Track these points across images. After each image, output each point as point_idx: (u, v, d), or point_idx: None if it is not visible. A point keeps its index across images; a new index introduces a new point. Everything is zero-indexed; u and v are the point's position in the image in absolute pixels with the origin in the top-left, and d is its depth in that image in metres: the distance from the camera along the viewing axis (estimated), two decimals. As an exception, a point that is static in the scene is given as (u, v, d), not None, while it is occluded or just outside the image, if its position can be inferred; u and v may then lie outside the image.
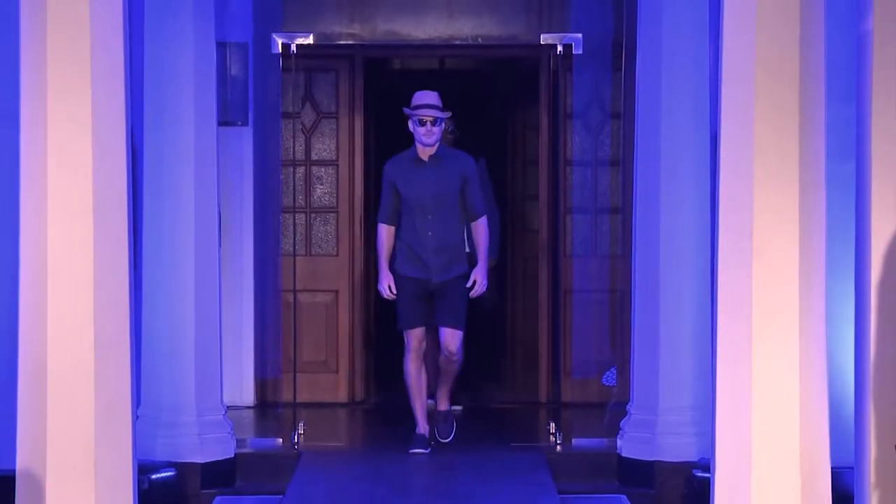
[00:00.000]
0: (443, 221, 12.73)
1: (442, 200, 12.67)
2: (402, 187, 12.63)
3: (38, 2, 9.01)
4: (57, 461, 9.05)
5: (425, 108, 12.36)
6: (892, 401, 8.90)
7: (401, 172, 12.70)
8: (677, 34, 12.63)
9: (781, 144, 9.03)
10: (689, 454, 12.32)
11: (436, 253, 12.69)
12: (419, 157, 12.62)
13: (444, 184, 12.67)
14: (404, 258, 12.87)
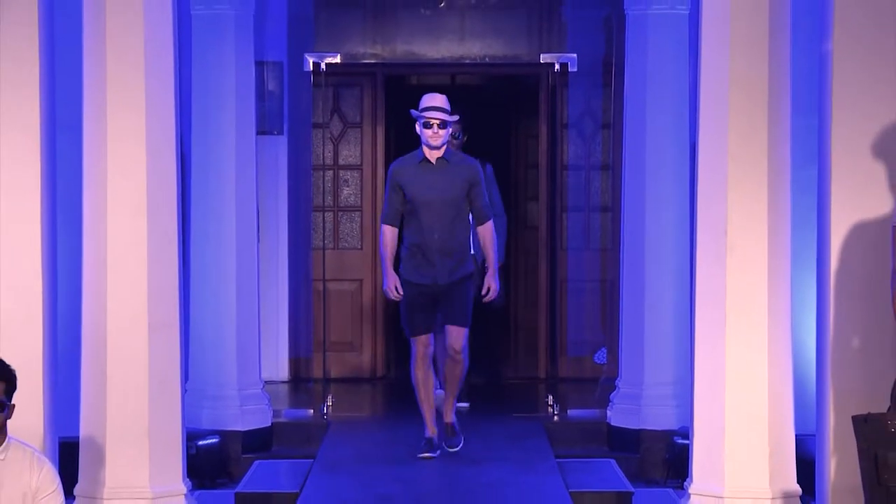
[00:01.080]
0: (448, 224, 11.26)
1: (448, 203, 11.22)
2: (409, 189, 11.17)
3: (98, 29, 9.02)
4: (116, 430, 9.04)
5: (432, 110, 11.00)
6: (848, 376, 8.86)
7: (407, 174, 11.24)
8: (660, 55, 12.62)
9: (752, 152, 9.01)
10: (671, 423, 12.31)
11: (442, 255, 11.20)
12: (426, 160, 11.20)
13: (450, 187, 11.24)
14: (410, 262, 11.38)
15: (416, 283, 11.23)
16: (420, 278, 11.23)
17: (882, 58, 8.84)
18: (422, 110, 10.98)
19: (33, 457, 7.53)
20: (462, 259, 11.32)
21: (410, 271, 11.28)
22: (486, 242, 11.33)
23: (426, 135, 10.98)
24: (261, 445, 12.75)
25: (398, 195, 11.20)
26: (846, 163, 8.92)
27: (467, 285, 11.42)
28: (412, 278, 11.24)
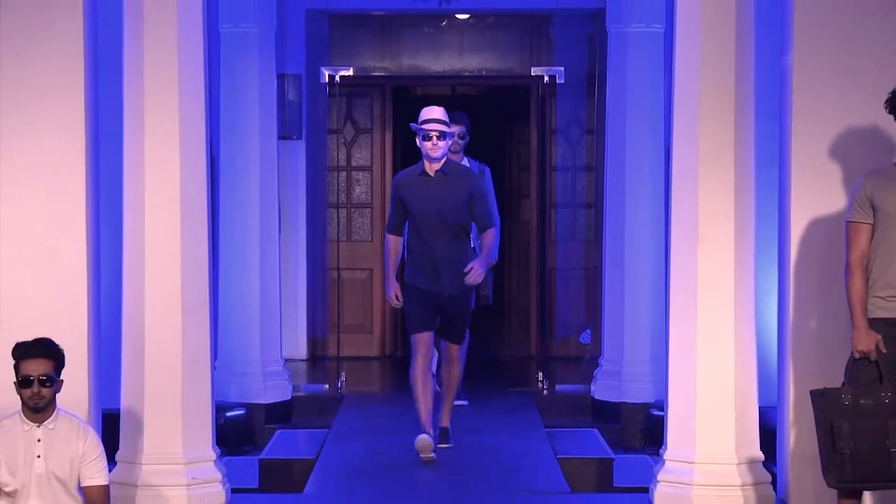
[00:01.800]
0: (449, 235, 10.48)
1: (448, 215, 10.40)
2: (409, 202, 10.45)
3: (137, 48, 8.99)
4: (152, 402, 9.04)
5: (431, 122, 10.24)
6: (806, 354, 8.86)
7: (408, 187, 10.49)
8: (638, 68, 12.64)
9: (720, 154, 9.00)
10: (647, 397, 12.36)
11: (444, 266, 10.41)
12: (426, 172, 10.41)
13: (450, 199, 10.41)
14: (415, 270, 10.61)
15: (420, 287, 10.54)
16: (425, 284, 10.53)
17: (836, 70, 8.84)
18: (421, 123, 10.33)
19: (79, 426, 7.55)
20: (463, 269, 10.36)
21: (416, 276, 10.58)
22: (484, 247, 10.63)
23: (426, 147, 10.32)
24: (282, 417, 12.78)
25: (400, 207, 10.59)
26: (804, 164, 8.93)
27: (468, 299, 10.85)
28: (417, 283, 10.55)
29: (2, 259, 8.82)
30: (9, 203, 8.84)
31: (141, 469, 9.00)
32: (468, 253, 10.73)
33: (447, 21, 15.72)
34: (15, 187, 8.84)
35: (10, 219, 8.81)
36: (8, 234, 8.81)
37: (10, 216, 8.83)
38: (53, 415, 7.45)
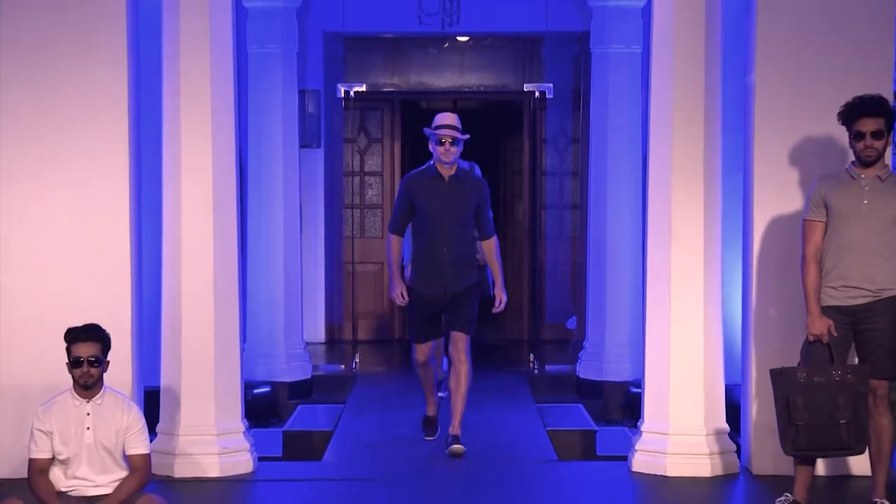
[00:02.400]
0: (458, 237, 9.69)
1: (458, 217, 9.65)
2: (420, 202, 9.63)
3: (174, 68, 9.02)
4: (188, 381, 9.07)
5: (445, 128, 9.51)
6: (766, 338, 8.88)
7: (421, 188, 9.66)
8: (618, 84, 12.63)
9: (690, 162, 9.02)
10: (626, 376, 12.36)
11: (450, 266, 9.64)
12: (439, 175, 9.63)
13: (460, 202, 9.65)
14: (419, 272, 9.82)
15: (424, 293, 9.77)
16: (428, 289, 9.74)
17: (793, 88, 8.86)
18: (435, 128, 9.57)
19: (124, 402, 7.57)
20: (468, 270, 9.84)
21: (419, 282, 9.79)
22: (491, 256, 9.92)
23: (438, 151, 9.54)
24: (303, 393, 12.80)
25: (408, 206, 9.75)
26: (765, 170, 8.95)
27: (473, 294, 9.91)
28: (420, 289, 9.76)
29: (57, 256, 8.87)
30: (63, 208, 8.88)
31: (178, 440, 9.04)
32: (473, 256, 9.99)
33: (449, 43, 15.73)
34: (68, 194, 8.88)
35: (65, 222, 8.86)
36: (62, 234, 8.86)
37: (65, 219, 8.87)
38: (101, 392, 7.47)
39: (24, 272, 8.91)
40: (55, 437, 7.38)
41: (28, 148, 8.89)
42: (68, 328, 7.44)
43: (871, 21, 8.85)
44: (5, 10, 8.84)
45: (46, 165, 8.90)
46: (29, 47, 8.83)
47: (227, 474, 9.05)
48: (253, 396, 11.42)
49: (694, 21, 8.99)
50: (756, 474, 8.99)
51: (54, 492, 7.34)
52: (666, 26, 9.10)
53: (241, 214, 9.71)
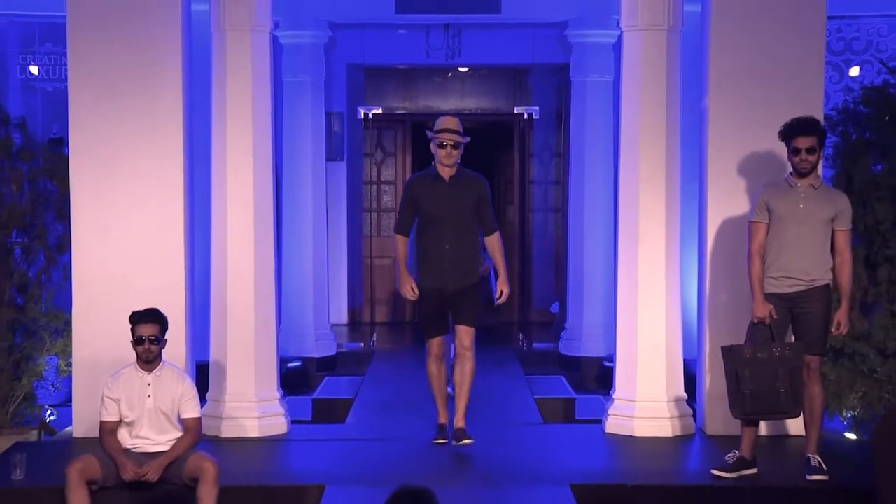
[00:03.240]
0: (459, 235, 8.67)
1: (459, 216, 8.65)
2: (422, 202, 8.65)
3: (221, 96, 9.08)
4: (233, 356, 9.10)
5: (446, 132, 8.59)
6: (718, 320, 8.88)
7: (423, 188, 8.69)
8: (594, 108, 12.67)
9: (654, 173, 9.04)
10: (601, 352, 12.38)
11: (451, 265, 8.64)
12: (440, 176, 8.65)
13: (461, 201, 8.64)
14: (424, 269, 8.79)
15: (431, 288, 8.69)
16: (432, 283, 8.66)
17: (741, 110, 8.85)
18: (437, 131, 8.61)
19: (179, 374, 7.62)
20: (471, 269, 8.78)
21: (423, 278, 8.72)
22: (495, 251, 8.84)
23: (440, 154, 8.59)
24: (329, 367, 12.82)
25: (412, 207, 8.70)
26: (717, 180, 8.95)
27: (476, 290, 8.88)
28: (425, 284, 8.69)
29: (122, 249, 8.88)
30: (126, 208, 8.89)
31: (224, 405, 9.08)
32: (476, 254, 8.94)
33: (452, 73, 15.76)
34: (131, 196, 8.88)
35: (128, 220, 8.87)
36: (128, 232, 8.87)
37: (128, 218, 8.88)
38: (160, 365, 7.51)
39: (95, 263, 8.91)
40: (122, 404, 7.43)
41: (95, 156, 8.90)
42: (132, 311, 7.47)
43: (804, 58, 8.84)
44: (75, 42, 8.85)
45: (111, 172, 8.91)
46: (96, 72, 8.82)
47: (265, 435, 9.08)
48: (287, 369, 11.44)
49: (657, 57, 9.02)
50: (709, 434, 9.00)
51: (121, 449, 7.38)
52: (634, 61, 9.13)
53: (277, 216, 9.74)
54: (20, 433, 9.06)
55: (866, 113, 9.25)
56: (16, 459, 7.71)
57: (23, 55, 12.56)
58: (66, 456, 7.77)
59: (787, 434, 8.93)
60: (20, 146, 9.40)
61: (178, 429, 7.50)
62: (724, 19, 8.93)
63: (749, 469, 7.83)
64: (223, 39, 9.08)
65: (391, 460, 8.44)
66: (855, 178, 8.94)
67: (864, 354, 8.96)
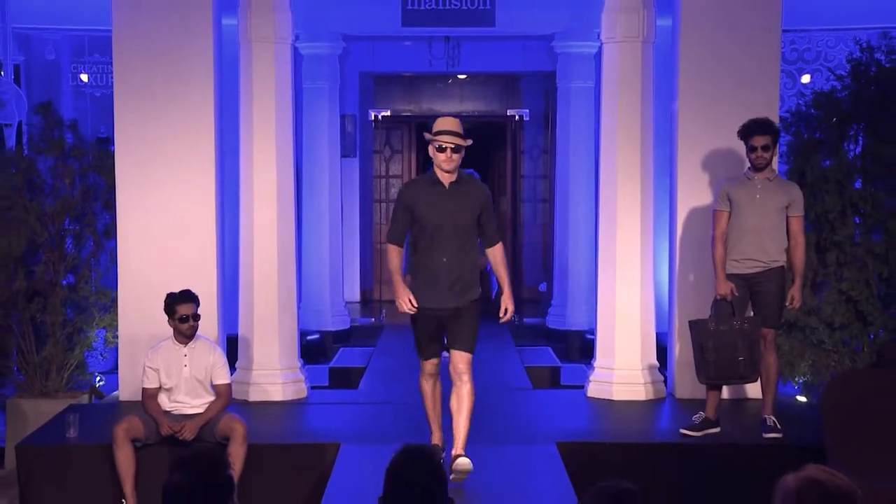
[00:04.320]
0: (459, 247, 6.88)
1: (459, 227, 6.84)
2: (420, 211, 6.82)
3: (248, 99, 9.07)
4: (259, 329, 9.12)
5: (446, 134, 6.85)
6: (686, 297, 8.90)
7: (420, 196, 6.86)
8: (577, 110, 12.61)
9: (630, 168, 9.05)
10: (583, 326, 12.34)
11: (450, 279, 6.85)
12: (440, 182, 6.86)
13: (462, 210, 6.84)
14: (420, 284, 6.92)
15: (424, 307, 6.89)
16: (428, 302, 6.88)
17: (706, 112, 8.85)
18: (435, 133, 6.88)
19: (211, 345, 7.64)
20: (471, 283, 7.00)
21: (418, 294, 6.87)
22: (498, 263, 7.09)
23: (439, 158, 6.83)
24: (343, 339, 12.79)
25: (406, 216, 6.89)
26: (686, 174, 8.97)
27: (476, 309, 7.08)
28: (421, 302, 6.87)
29: (161, 237, 8.89)
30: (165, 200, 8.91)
31: (251, 373, 9.11)
32: (476, 268, 7.14)
33: (452, 79, 15.73)
34: (169, 190, 8.90)
35: (168, 211, 8.87)
36: (166, 221, 8.89)
37: (169, 209, 8.89)
38: (195, 338, 7.56)
39: (137, 248, 8.92)
40: (161, 372, 7.47)
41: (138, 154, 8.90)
42: (169, 293, 7.52)
43: (762, 67, 8.84)
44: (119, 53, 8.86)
45: (151, 167, 8.92)
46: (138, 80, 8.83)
47: (287, 399, 9.11)
48: (306, 341, 11.44)
49: (633, 65, 9.02)
50: (678, 398, 9.03)
51: (161, 411, 7.42)
52: (612, 69, 9.14)
53: (297, 207, 9.77)
54: (73, 397, 9.09)
55: (816, 115, 9.26)
56: (69, 419, 7.75)
57: (74, 65, 12.63)
58: (113, 417, 7.80)
59: (746, 397, 8.94)
60: (72, 145, 9.42)
61: (211, 394, 7.54)
62: (692, 33, 8.93)
63: (713, 428, 7.86)
64: (250, 50, 9.08)
65: (398, 422, 8.47)
66: (807, 172, 8.95)
67: (814, 328, 8.98)
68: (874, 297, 8.85)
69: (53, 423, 8.16)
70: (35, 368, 9.13)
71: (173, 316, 7.46)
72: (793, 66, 11.95)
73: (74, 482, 7.51)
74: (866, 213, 8.87)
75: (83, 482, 7.50)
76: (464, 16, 11.23)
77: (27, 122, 10.24)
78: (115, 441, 7.22)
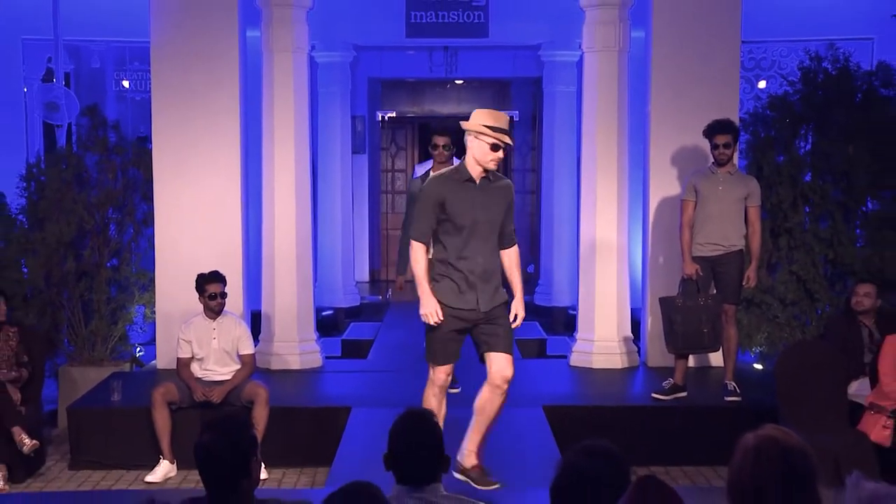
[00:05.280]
0: (491, 247, 5.81)
1: (492, 225, 5.77)
2: (455, 207, 5.66)
3: (270, 104, 9.05)
4: (279, 306, 9.13)
5: (504, 133, 5.75)
6: (657, 277, 8.90)
7: (451, 191, 5.68)
8: (561, 112, 12.55)
9: (608, 163, 9.03)
10: (567, 302, 12.33)
11: (483, 280, 5.73)
12: (471, 178, 5.70)
13: (493, 208, 5.76)
14: (447, 286, 5.72)
15: (456, 307, 5.71)
16: (461, 303, 5.71)
17: (676, 114, 8.85)
18: (495, 129, 5.71)
19: (237, 320, 7.65)
20: (500, 283, 5.91)
21: (449, 296, 5.71)
22: (513, 266, 5.99)
23: (492, 156, 5.65)
24: (354, 315, 12.77)
25: (436, 212, 5.69)
26: (657, 169, 8.97)
27: (506, 311, 5.88)
28: (452, 303, 5.70)
29: (195, 225, 8.89)
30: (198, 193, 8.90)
31: (273, 345, 9.11)
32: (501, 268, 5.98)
33: (450, 84, 15.69)
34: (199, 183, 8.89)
35: (199, 202, 8.88)
36: (198, 210, 8.88)
37: (200, 200, 8.89)
38: (223, 314, 7.56)
39: (172, 234, 8.93)
40: (193, 344, 7.48)
41: (173, 151, 8.90)
42: (199, 274, 7.55)
43: (723, 74, 8.84)
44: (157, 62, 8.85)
45: (185, 163, 8.90)
46: (173, 86, 8.83)
47: (304, 367, 9.11)
48: (321, 316, 11.42)
49: (610, 72, 9.01)
50: (650, 366, 9.03)
51: (194, 378, 7.44)
52: (592, 75, 9.12)
53: (314, 197, 9.78)
54: (116, 365, 9.10)
55: (771, 117, 9.27)
56: (114, 385, 7.79)
57: (117, 72, 12.65)
58: (151, 383, 7.80)
59: (709, 365, 8.95)
60: (115, 143, 9.42)
61: (237, 363, 7.55)
62: (662, 44, 8.91)
63: (681, 392, 7.86)
64: (271, 59, 9.07)
65: (403, 387, 8.45)
66: (763, 167, 8.96)
67: (769, 304, 9.00)
68: (821, 276, 8.86)
69: (99, 389, 8.18)
70: (83, 340, 9.15)
71: (203, 294, 7.47)
72: (751, 73, 11.94)
73: (118, 440, 7.53)
74: (815, 203, 8.89)
75: (125, 440, 7.53)
76: (461, 28, 11.25)
77: (76, 124, 10.24)
78: (154, 404, 7.24)
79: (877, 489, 2.30)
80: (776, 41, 11.84)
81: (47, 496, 6.77)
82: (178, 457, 7.26)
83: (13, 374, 7.60)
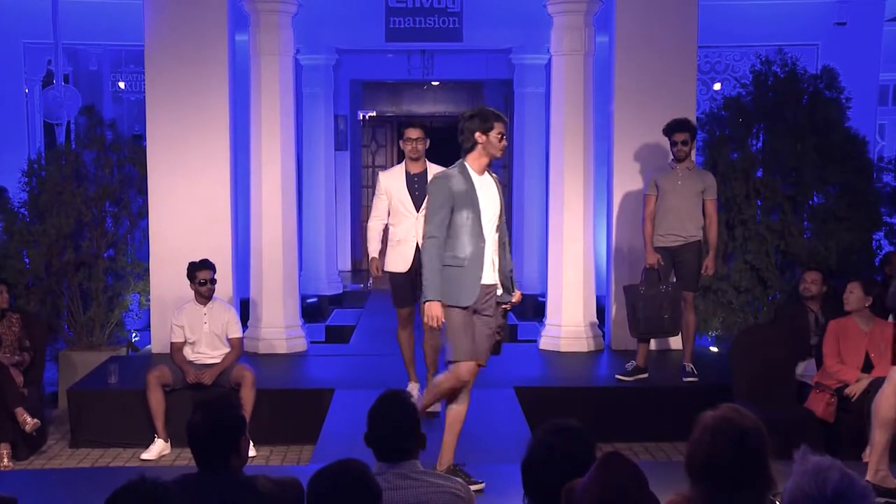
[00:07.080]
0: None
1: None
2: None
3: (257, 103, 8.99)
4: (266, 294, 9.08)
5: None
6: (621, 266, 8.91)
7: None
8: (531, 112, 12.55)
9: (575, 160, 9.03)
10: (537, 289, 12.29)
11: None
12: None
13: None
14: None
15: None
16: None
17: (638, 113, 8.85)
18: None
19: (226, 306, 7.61)
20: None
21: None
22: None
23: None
24: (337, 302, 12.77)
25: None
26: (620, 165, 8.97)
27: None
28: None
29: (187, 217, 8.84)
30: (190, 187, 8.84)
31: (260, 330, 9.07)
32: None
33: (427, 86, 15.68)
34: (191, 176, 8.84)
35: (191, 196, 8.81)
36: (190, 204, 8.82)
37: (191, 194, 8.83)
38: (212, 300, 7.52)
39: (165, 226, 8.87)
40: (186, 329, 7.45)
41: (166, 148, 8.83)
42: (190, 262, 7.52)
43: (681, 77, 8.84)
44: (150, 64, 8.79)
45: (177, 159, 8.83)
46: (166, 87, 8.77)
47: (290, 351, 9.07)
48: (306, 304, 11.41)
49: (576, 74, 9.00)
50: (614, 349, 9.01)
51: (186, 361, 7.41)
52: (559, 77, 9.11)
53: (299, 191, 9.72)
54: (113, 350, 9.05)
55: (726, 116, 9.29)
56: (111, 369, 7.75)
57: (113, 74, 12.63)
58: (146, 366, 7.74)
59: (669, 349, 8.96)
60: (111, 141, 9.37)
61: (227, 346, 7.52)
62: (625, 49, 8.91)
63: (642, 374, 7.88)
64: (258, 62, 9.02)
65: (383, 370, 8.46)
66: (719, 163, 8.98)
67: (724, 291, 9.01)
68: (773, 265, 8.90)
69: (97, 372, 8.13)
70: (82, 326, 9.10)
71: (194, 280, 7.44)
72: (706, 76, 11.99)
73: (115, 420, 7.48)
74: (766, 197, 8.92)
75: (122, 420, 7.48)
76: (437, 33, 11.26)
77: (74, 122, 10.18)
78: (148, 386, 7.20)
79: (821, 461, 2.35)
80: (730, 46, 11.91)
81: (49, 473, 6.73)
82: (172, 435, 7.22)
83: (16, 358, 7.56)
